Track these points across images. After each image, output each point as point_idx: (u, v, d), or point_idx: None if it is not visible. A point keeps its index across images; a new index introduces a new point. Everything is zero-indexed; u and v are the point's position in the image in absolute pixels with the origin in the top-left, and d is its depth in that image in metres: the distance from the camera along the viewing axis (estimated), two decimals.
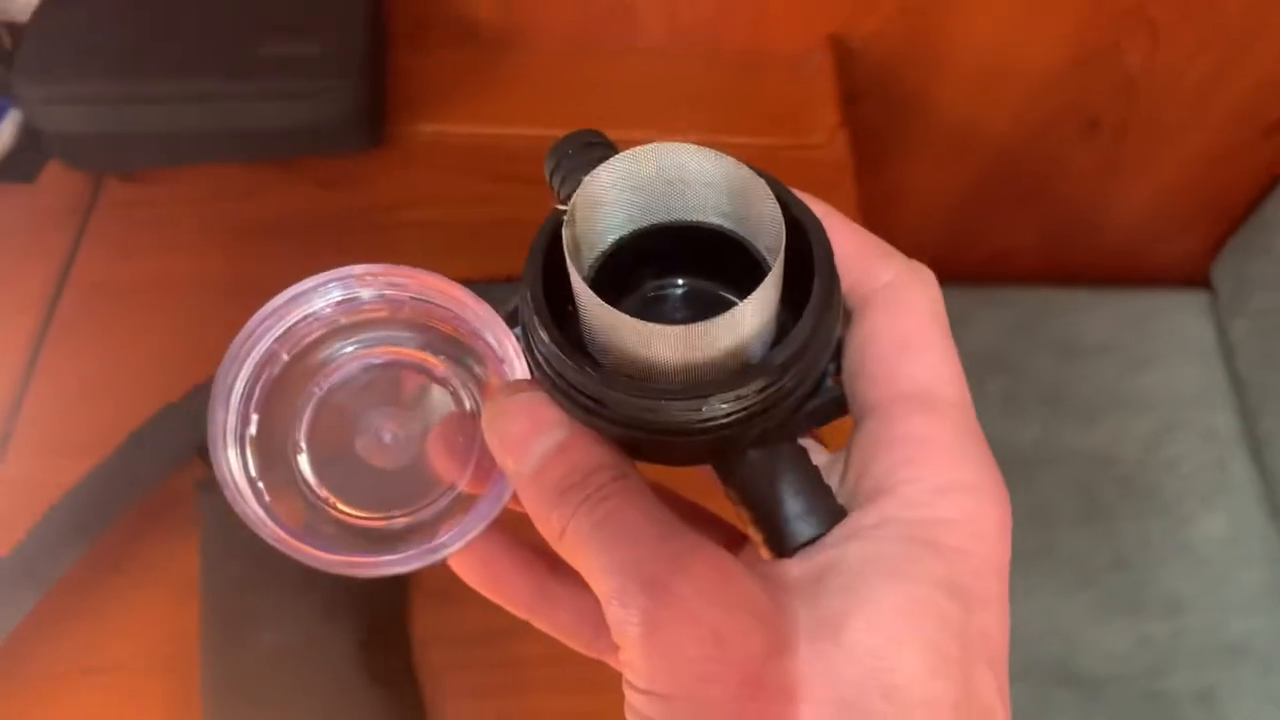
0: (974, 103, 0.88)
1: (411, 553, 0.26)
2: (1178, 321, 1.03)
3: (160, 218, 0.71)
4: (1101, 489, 0.95)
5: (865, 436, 0.24)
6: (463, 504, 0.27)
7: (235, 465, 0.26)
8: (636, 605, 0.21)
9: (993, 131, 0.91)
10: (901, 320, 0.24)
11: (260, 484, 0.27)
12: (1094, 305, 1.03)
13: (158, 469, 0.56)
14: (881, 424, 0.24)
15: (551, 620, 0.28)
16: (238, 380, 0.27)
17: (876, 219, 0.83)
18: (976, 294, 1.02)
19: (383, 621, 0.53)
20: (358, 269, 0.27)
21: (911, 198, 0.96)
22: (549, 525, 0.23)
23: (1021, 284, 1.04)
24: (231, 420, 0.26)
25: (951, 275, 1.05)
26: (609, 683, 0.32)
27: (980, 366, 0.99)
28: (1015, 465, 0.95)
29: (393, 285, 0.27)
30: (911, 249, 0.97)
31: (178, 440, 0.57)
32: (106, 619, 0.55)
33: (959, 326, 0.25)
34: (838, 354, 0.25)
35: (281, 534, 0.26)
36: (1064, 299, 1.03)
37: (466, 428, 0.27)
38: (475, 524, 0.26)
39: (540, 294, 0.23)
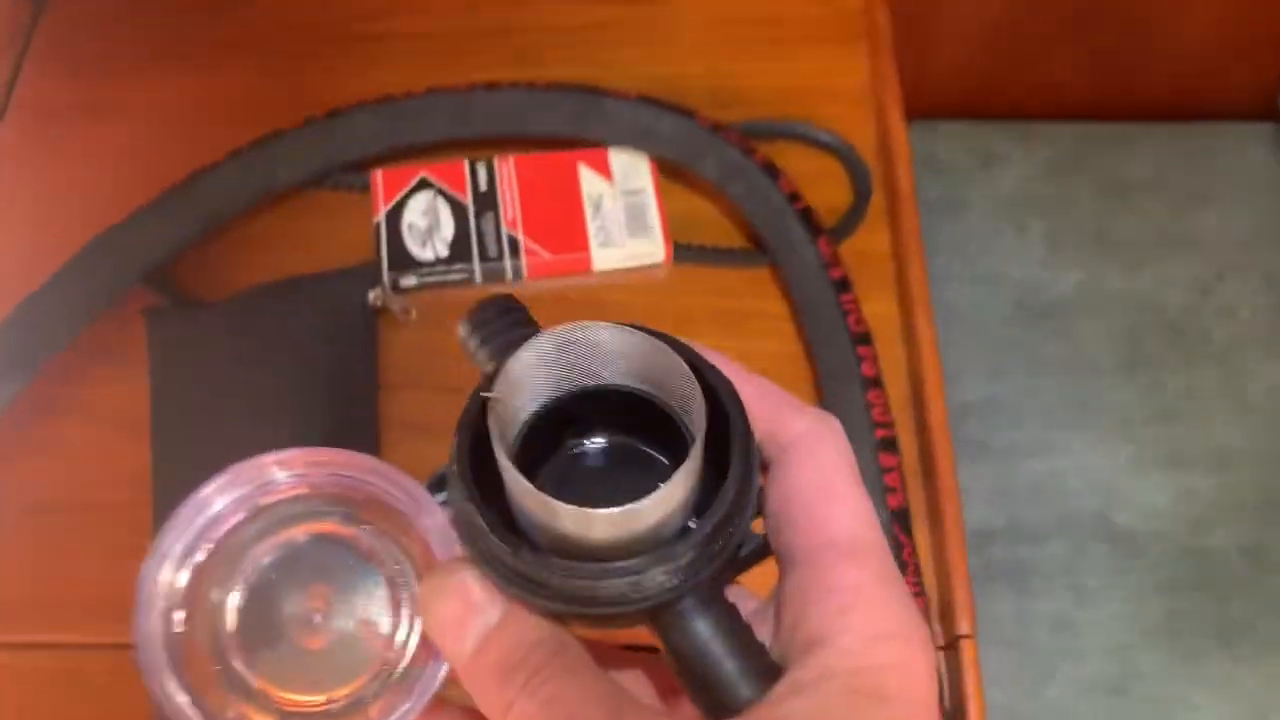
0: None
1: None
2: (1237, 157, 0.94)
3: (110, 33, 0.64)
4: (1147, 337, 0.88)
5: (795, 585, 0.25)
6: (405, 675, 0.26)
7: (176, 692, 0.25)
8: None
9: None
10: (820, 471, 0.26)
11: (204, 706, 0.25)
12: (1143, 139, 0.94)
13: (96, 298, 0.51)
14: (811, 573, 0.25)
15: None
16: (157, 585, 0.25)
17: (903, 47, 0.74)
18: (1016, 129, 0.94)
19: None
20: (269, 458, 0.26)
21: (944, 21, 0.87)
22: (491, 706, 0.23)
23: (1065, 119, 0.95)
24: (159, 625, 0.25)
25: (988, 109, 0.97)
26: None
27: (1018, 207, 0.91)
28: (1055, 312, 0.88)
29: (312, 465, 0.27)
30: (945, 80, 0.88)
31: (117, 267, 0.51)
32: (52, 458, 0.50)
33: (996, 165, 0.19)
34: (758, 503, 0.25)
35: None
36: (1110, 133, 0.95)
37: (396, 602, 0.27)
38: (418, 701, 0.26)
39: (468, 475, 0.23)
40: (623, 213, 0.55)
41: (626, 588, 0.23)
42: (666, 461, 0.26)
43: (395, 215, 0.55)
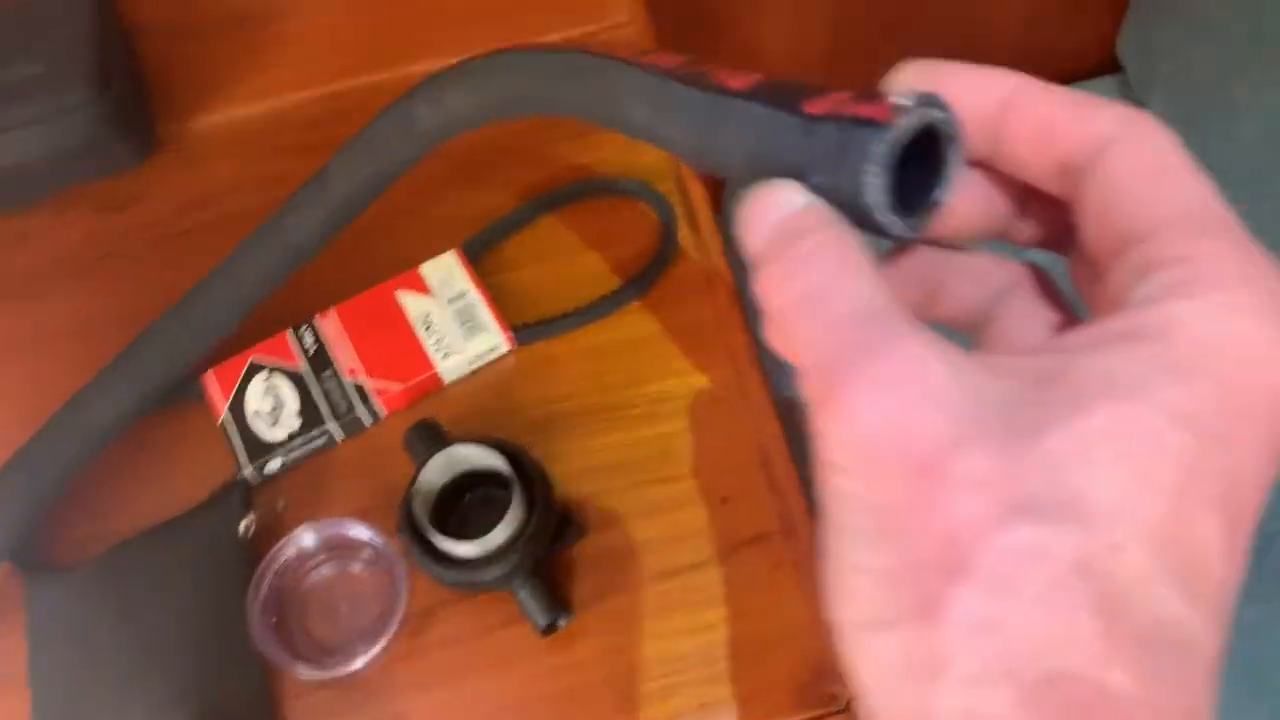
0: None
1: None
2: None
3: None
4: None
5: (1128, 266, 0.23)
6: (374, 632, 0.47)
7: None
8: (824, 383, 0.23)
9: None
10: (1151, 153, 0.24)
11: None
12: None
13: None
14: (1150, 248, 0.23)
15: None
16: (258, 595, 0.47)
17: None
18: None
19: (232, 712, 0.46)
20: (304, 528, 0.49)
21: (769, 56, 0.88)
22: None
23: None
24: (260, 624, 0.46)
25: None
26: None
27: None
28: None
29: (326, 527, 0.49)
30: None
31: None
32: None
33: None
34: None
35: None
36: None
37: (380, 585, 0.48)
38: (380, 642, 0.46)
39: (408, 528, 0.45)
40: (454, 320, 0.54)
41: (487, 577, 0.43)
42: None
43: (238, 408, 0.53)
